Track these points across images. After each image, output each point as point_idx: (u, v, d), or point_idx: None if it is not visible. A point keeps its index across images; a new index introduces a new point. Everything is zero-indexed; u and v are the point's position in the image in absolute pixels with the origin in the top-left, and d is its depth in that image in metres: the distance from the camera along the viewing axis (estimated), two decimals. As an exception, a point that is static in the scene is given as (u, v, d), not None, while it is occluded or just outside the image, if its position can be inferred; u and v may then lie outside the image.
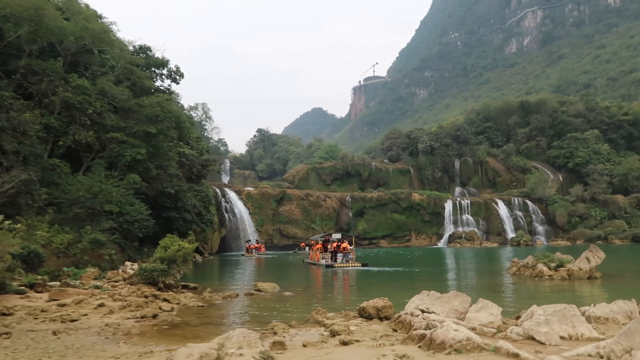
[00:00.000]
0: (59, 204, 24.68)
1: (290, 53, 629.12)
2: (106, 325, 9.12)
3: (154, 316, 10.08)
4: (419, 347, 5.93)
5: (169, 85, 42.55)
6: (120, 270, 20.86)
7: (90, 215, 24.62)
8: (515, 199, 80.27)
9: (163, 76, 40.77)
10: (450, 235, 77.81)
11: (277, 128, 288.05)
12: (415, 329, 6.53)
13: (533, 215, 78.62)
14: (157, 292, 13.04)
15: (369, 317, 8.60)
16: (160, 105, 32.47)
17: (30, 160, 26.70)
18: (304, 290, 16.29)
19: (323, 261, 31.85)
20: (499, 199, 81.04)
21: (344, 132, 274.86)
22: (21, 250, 16.63)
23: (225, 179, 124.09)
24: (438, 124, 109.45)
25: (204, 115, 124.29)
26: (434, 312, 7.24)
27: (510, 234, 75.59)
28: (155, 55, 39.57)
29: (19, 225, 21.40)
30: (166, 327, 9.24)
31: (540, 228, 77.70)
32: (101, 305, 10.86)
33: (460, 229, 77.99)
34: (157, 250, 15.17)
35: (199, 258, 48.98)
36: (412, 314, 7.36)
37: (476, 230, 77.18)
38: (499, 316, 6.86)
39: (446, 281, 19.76)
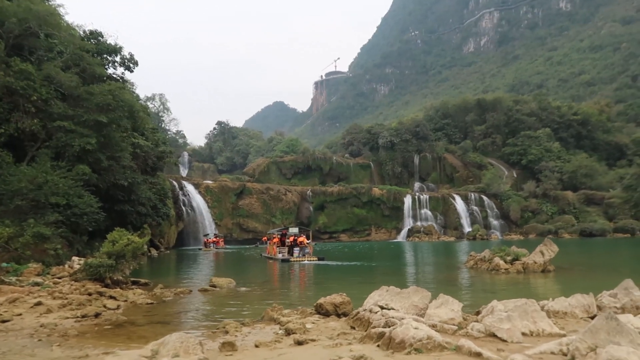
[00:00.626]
0: (2, 195, 23.15)
1: (253, 47, 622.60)
2: (41, 326, 8.36)
3: (97, 315, 9.36)
4: (378, 346, 5.60)
5: (123, 73, 40.84)
6: (66, 266, 19.72)
7: (33, 207, 23.20)
8: (472, 194, 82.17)
9: (116, 64, 39.03)
10: (409, 229, 78.83)
11: (238, 121, 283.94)
12: (374, 327, 6.20)
13: (488, 210, 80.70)
14: (103, 289, 12.23)
15: (326, 314, 8.22)
16: (112, 93, 31.02)
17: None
18: (260, 286, 15.77)
19: (280, 255, 31.45)
20: (456, 194, 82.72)
21: (306, 126, 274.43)
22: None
23: (184, 171, 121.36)
24: (398, 120, 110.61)
25: (161, 106, 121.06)
26: (393, 309, 6.93)
27: (467, 228, 77.32)
28: (108, 42, 37.78)
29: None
30: (109, 327, 8.57)
31: (495, 222, 79.87)
32: (38, 304, 10.02)
33: (419, 223, 79.14)
34: (105, 245, 14.31)
35: (154, 252, 47.49)
36: (370, 311, 7.03)
37: (434, 224, 78.50)
38: (459, 312, 6.62)
39: (405, 275, 19.70)
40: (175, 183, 69.30)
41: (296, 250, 31.24)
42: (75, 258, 22.62)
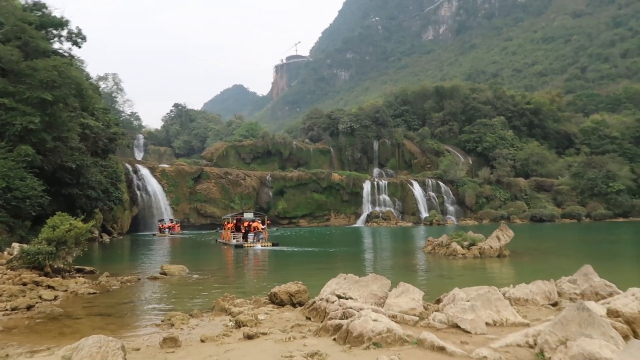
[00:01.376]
0: None
1: (213, 28, 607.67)
2: (-38, 321, 7.52)
3: (29, 307, 8.54)
4: (334, 340, 5.18)
5: (70, 49, 38.57)
6: (5, 253, 18.41)
7: (-32, 190, 21.56)
8: (429, 180, 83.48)
9: (62, 38, 36.76)
10: (368, 214, 79.37)
11: (196, 104, 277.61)
12: (330, 319, 5.78)
13: (445, 196, 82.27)
14: (41, 279, 11.30)
15: (281, 304, 7.75)
16: (58, 69, 29.16)
17: None
18: (214, 273, 15.12)
19: (234, 241, 30.91)
20: (414, 180, 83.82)
21: (266, 110, 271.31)
22: None
23: (139, 155, 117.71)
24: (358, 106, 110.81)
25: (114, 87, 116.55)
26: (351, 298, 6.54)
27: (424, 214, 78.58)
28: (53, 15, 35.49)
29: None
30: (41, 320, 7.80)
31: (451, 208, 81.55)
32: (-38, 295, 9.09)
33: (377, 208, 79.78)
34: (44, 230, 13.28)
35: (106, 238, 45.77)
36: (327, 300, 6.61)
37: (392, 210, 79.35)
38: (420, 301, 6.29)
39: (363, 261, 19.49)
40: (129, 166, 66.95)
41: (250, 235, 30.76)
42: (15, 244, 21.20)
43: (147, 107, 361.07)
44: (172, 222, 60.01)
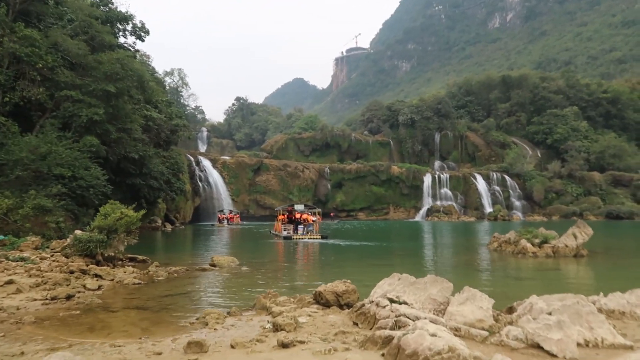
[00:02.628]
0: (1, 165, 22.34)
1: (274, 23, 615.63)
2: (1, 310, 7.30)
3: (68, 297, 8.28)
4: (382, 355, 4.31)
5: (134, 42, 39.62)
6: (68, 240, 18.79)
7: (36, 178, 22.36)
8: (494, 174, 79.81)
9: (127, 32, 37.78)
10: (428, 208, 77.17)
11: (258, 97, 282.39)
12: (380, 328, 4.91)
13: (510, 191, 78.37)
14: (88, 267, 11.18)
15: (326, 304, 6.95)
16: (121, 62, 29.83)
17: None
18: (264, 266, 14.56)
19: (284, 232, 30.73)
20: (478, 173, 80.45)
21: (325, 103, 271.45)
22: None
23: (203, 147, 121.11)
24: (419, 97, 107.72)
25: (180, 81, 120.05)
26: (405, 303, 5.62)
27: (488, 209, 75.26)
28: (118, 9, 36.48)
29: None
30: (77, 312, 7.47)
31: (517, 203, 77.57)
32: (9, 282, 9.00)
33: (438, 202, 77.36)
34: (96, 218, 13.24)
35: (168, 228, 47.04)
36: (377, 304, 5.73)
37: (454, 204, 76.65)
38: (489, 311, 5.24)
39: (422, 258, 18.27)
40: (191, 158, 68.73)
41: (300, 227, 30.58)
42: (78, 232, 21.81)
43: (211, 102, 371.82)
44: (231, 213, 60.98)
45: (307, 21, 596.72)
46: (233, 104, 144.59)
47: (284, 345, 4.83)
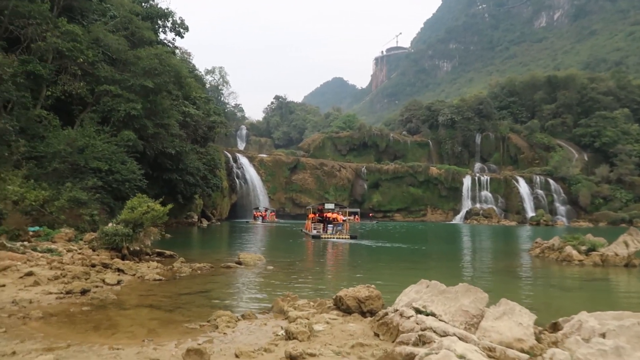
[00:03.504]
0: (40, 158, 22.81)
1: (314, 22, 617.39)
2: (12, 303, 7.10)
3: (83, 292, 8.03)
4: (402, 377, 3.73)
5: (173, 39, 40.09)
6: (96, 233, 18.90)
7: (72, 171, 22.71)
8: (537, 177, 76.88)
9: (166, 28, 38.22)
10: (467, 211, 75.19)
11: (297, 96, 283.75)
12: (401, 343, 4.32)
13: (555, 195, 75.30)
14: (112, 261, 10.99)
15: (347, 311, 6.37)
16: (159, 57, 30.16)
17: (14, 109, 24.88)
18: (290, 265, 14.08)
19: (314, 231, 30.31)
20: (520, 176, 77.73)
21: (364, 103, 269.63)
22: (-24, 205, 14.78)
23: (242, 145, 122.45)
24: (460, 97, 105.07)
25: (220, 80, 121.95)
26: (433, 314, 4.99)
27: (530, 213, 72.58)
28: (159, 6, 36.95)
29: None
30: (88, 308, 7.19)
31: (561, 208, 74.48)
32: (29, 274, 8.86)
33: (478, 205, 75.24)
34: (123, 212, 13.12)
35: (204, 223, 47.45)
36: (401, 314, 5.12)
37: (494, 207, 74.34)
38: (530, 328, 4.52)
39: (458, 262, 17.32)
40: (229, 155, 69.35)
41: (330, 227, 30.11)
42: (111, 224, 22.01)
43: (251, 100, 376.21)
44: (265, 211, 61.12)
45: (348, 20, 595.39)
46: (272, 103, 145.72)
47: (291, 358, 4.30)
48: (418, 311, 5.10)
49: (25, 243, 12.55)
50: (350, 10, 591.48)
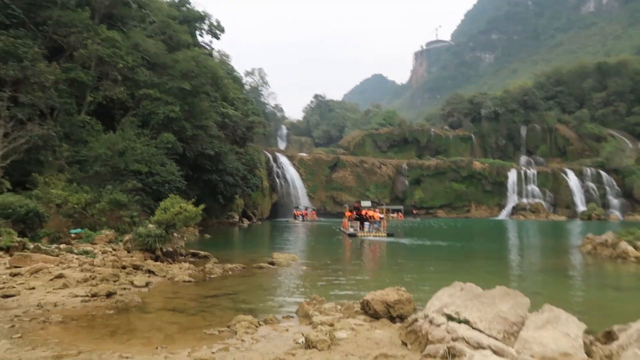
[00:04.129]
0: (82, 162, 23.44)
1: (353, 19, 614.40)
2: (37, 306, 7.07)
3: (109, 295, 7.94)
4: (427, 396, 3.27)
5: (210, 41, 40.52)
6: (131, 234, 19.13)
7: (113, 174, 23.20)
8: (588, 169, 73.26)
9: (203, 31, 38.67)
10: (513, 206, 72.63)
11: (336, 95, 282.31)
12: (429, 356, 3.85)
13: (607, 187, 71.52)
14: (144, 262, 10.95)
15: (374, 316, 5.92)
16: (196, 59, 30.50)
17: (59, 116, 25.67)
18: (324, 265, 13.68)
19: (351, 229, 29.93)
20: (569, 169, 74.34)
21: (404, 98, 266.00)
22: (19, 208, 15.20)
23: (282, 145, 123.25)
24: (504, 89, 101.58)
25: (260, 80, 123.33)
26: (466, 321, 4.48)
27: (581, 207, 69.30)
28: (195, 9, 37.40)
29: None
30: (111, 312, 7.06)
31: (615, 201, 70.66)
32: (59, 276, 8.89)
33: (524, 200, 72.54)
34: (156, 213, 13.12)
35: (245, 223, 47.84)
36: (431, 321, 4.64)
37: (542, 202, 71.46)
38: (579, 340, 3.92)
39: (500, 260, 16.39)
40: (269, 155, 69.79)
41: (366, 224, 29.68)
42: (151, 226, 22.29)
43: (291, 100, 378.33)
44: (306, 210, 61.11)
45: (387, 16, 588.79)
46: (311, 102, 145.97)
47: (306, 371, 3.92)
48: (450, 318, 4.61)
49: (62, 245, 12.74)
50: (388, 6, 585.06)
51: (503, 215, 73.00)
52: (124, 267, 10.22)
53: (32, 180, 20.35)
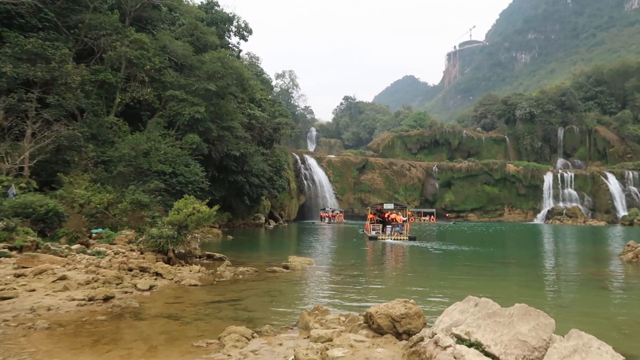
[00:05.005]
0: (107, 162, 23.55)
1: (384, 20, 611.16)
2: (30, 310, 6.76)
3: (106, 299, 7.59)
4: None
5: (238, 42, 40.51)
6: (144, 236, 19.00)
7: (137, 174, 23.21)
8: (630, 173, 70.07)
9: (231, 32, 38.67)
10: (549, 210, 70.18)
11: (367, 97, 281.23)
12: (426, 388, 3.24)
13: (651, 192, 68.25)
14: (152, 265, 10.59)
15: (378, 331, 5.30)
16: (221, 60, 30.41)
17: (88, 116, 25.93)
18: (340, 269, 13.04)
19: (373, 232, 29.29)
20: (610, 172, 71.30)
21: (436, 100, 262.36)
22: (39, 208, 15.20)
23: (312, 147, 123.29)
24: (540, 89, 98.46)
25: (290, 83, 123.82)
26: (478, 344, 3.84)
27: (622, 212, 66.28)
28: (223, 11, 37.43)
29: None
30: (103, 317, 6.68)
31: (659, 206, 67.29)
32: (62, 278, 8.62)
33: (561, 204, 69.96)
34: (169, 213, 12.81)
35: (272, 224, 47.66)
36: (436, 342, 4.01)
37: (580, 206, 68.76)
38: (614, 372, 3.28)
39: (529, 268, 15.30)
40: (297, 157, 69.61)
41: (388, 227, 29.07)
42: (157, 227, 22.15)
43: (321, 102, 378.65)
44: (333, 212, 60.65)
45: (419, 17, 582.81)
46: (341, 104, 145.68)
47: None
48: (459, 339, 3.98)
49: (75, 246, 12.57)
50: (421, 6, 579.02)
51: (538, 219, 70.66)
52: (130, 270, 9.91)
53: (58, 180, 20.54)
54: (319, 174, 72.39)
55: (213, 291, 9.13)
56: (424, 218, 69.86)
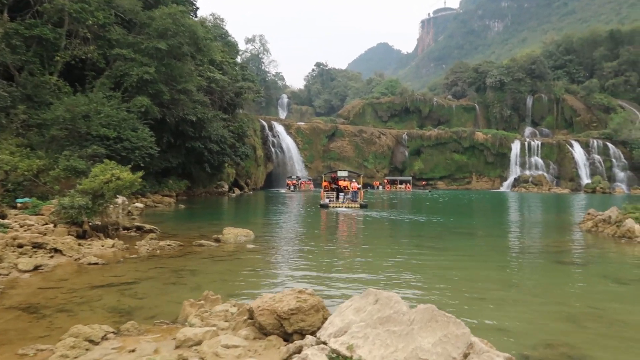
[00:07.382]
0: (42, 126, 21.58)
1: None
2: None
3: (-38, 285, 6.25)
4: None
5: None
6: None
7: (75, 138, 21.36)
8: (594, 141, 70.81)
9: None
10: (515, 178, 70.68)
11: (341, 64, 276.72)
12: None
13: (614, 160, 69.21)
14: (47, 239, 9.09)
15: (262, 330, 4.09)
16: (172, 17, 28.18)
17: (23, 76, 23.72)
18: (278, 243, 11.82)
19: (326, 200, 28.42)
20: (575, 140, 71.93)
21: (410, 68, 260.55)
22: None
23: (283, 114, 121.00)
24: (511, 58, 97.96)
25: (261, 48, 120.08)
26: (360, 364, 2.67)
27: (585, 180, 67.23)
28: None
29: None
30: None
31: (621, 174, 68.47)
32: None
33: (527, 172, 70.48)
34: (84, 181, 11.30)
35: (236, 193, 46.16)
36: (313, 356, 2.85)
37: (545, 174, 69.39)
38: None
39: (491, 240, 14.51)
40: (264, 123, 67.67)
41: (341, 195, 28.59)
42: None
43: (293, 69, 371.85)
44: (298, 180, 59.68)
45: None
46: (313, 70, 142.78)
47: None
48: (338, 355, 2.83)
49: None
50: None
51: (505, 187, 71.17)
52: (20, 246, 8.50)
53: (-18, 145, 18.62)
54: (288, 142, 70.76)
55: (111, 271, 7.83)
56: (400, 186, 69.49)
